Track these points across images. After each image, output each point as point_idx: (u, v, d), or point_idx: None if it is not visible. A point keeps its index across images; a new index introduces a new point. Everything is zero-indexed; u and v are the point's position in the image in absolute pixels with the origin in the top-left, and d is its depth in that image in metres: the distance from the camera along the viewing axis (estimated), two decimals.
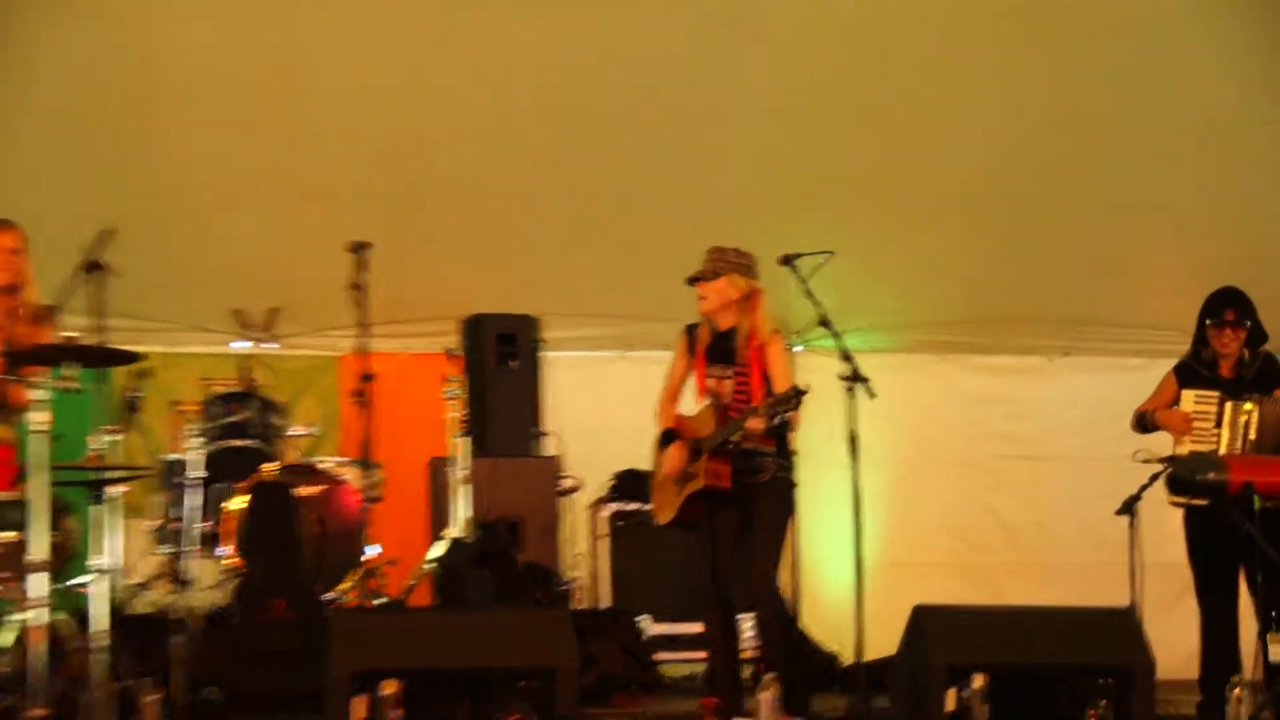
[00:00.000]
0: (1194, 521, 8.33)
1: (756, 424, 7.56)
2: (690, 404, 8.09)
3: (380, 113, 9.76)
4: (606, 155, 10.14)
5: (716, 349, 7.96)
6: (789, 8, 9.46)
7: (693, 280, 7.93)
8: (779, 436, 7.84)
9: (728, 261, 7.88)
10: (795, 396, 7.44)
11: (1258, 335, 8.45)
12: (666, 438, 8.01)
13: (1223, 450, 8.21)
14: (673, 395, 8.13)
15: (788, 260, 7.89)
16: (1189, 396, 8.39)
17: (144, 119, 9.69)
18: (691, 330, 8.06)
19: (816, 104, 9.93)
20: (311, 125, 9.85)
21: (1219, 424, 8.29)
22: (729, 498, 7.81)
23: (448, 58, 9.53)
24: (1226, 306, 8.42)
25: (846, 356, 7.70)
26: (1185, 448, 8.33)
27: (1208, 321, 8.46)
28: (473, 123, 9.95)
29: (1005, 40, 9.68)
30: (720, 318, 7.93)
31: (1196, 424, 8.32)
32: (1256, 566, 8.02)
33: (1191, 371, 8.48)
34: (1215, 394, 8.34)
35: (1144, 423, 8.51)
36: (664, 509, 8.09)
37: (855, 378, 7.64)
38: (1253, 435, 8.22)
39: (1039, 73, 9.80)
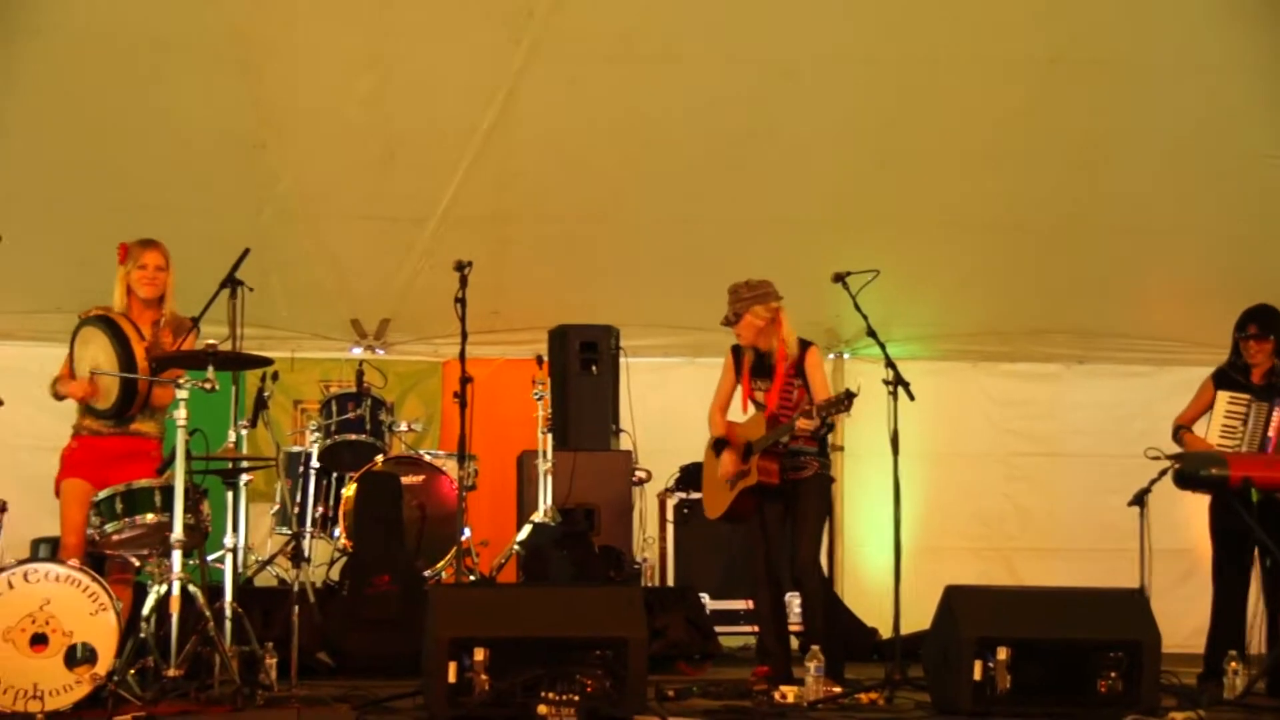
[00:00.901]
0: (1218, 506, 8.20)
1: (807, 424, 7.55)
2: (736, 414, 8.11)
3: (480, 147, 9.76)
4: (679, 184, 10.13)
5: (759, 366, 7.98)
6: (844, 55, 9.41)
7: (724, 323, 7.98)
8: (820, 438, 7.86)
9: (744, 300, 7.90)
10: (847, 399, 7.42)
11: None
12: (719, 445, 8.01)
13: (1244, 446, 8.09)
14: (722, 407, 8.17)
15: (839, 278, 7.90)
16: (1223, 397, 8.28)
17: (275, 157, 9.78)
18: (738, 350, 8.07)
19: (866, 140, 9.90)
20: (420, 159, 9.88)
21: (1245, 422, 8.18)
22: (776, 491, 7.81)
23: (536, 101, 9.54)
24: (1250, 321, 8.33)
25: (890, 363, 7.71)
26: (1214, 439, 8.21)
27: (1237, 334, 8.35)
28: (560, 157, 9.96)
29: (1031, 85, 9.59)
30: (759, 343, 7.94)
31: (1227, 422, 8.20)
32: (1266, 555, 7.93)
33: (1227, 377, 8.36)
34: (1246, 397, 8.22)
35: (1177, 438, 8.40)
36: (715, 505, 8.12)
37: (897, 382, 7.64)
38: (1270, 433, 8.09)
39: (1059, 114, 9.69)
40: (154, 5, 8.98)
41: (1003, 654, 6.80)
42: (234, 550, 7.40)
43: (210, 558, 7.69)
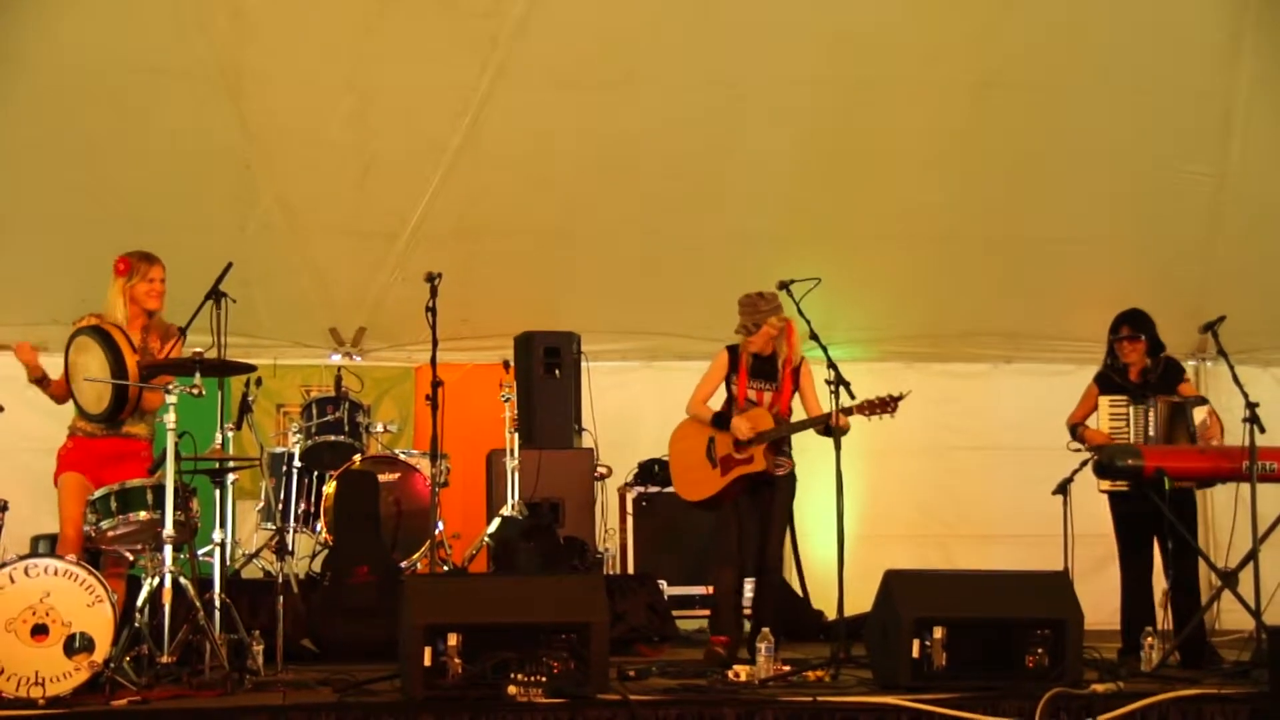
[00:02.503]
0: (1118, 501, 8.26)
1: (847, 422, 7.65)
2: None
3: (448, 166, 9.79)
4: (635, 200, 10.16)
5: (758, 369, 8.04)
6: (791, 79, 9.52)
7: (739, 331, 8.04)
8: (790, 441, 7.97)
9: (762, 311, 7.97)
10: (895, 401, 7.60)
11: (1156, 345, 8.38)
12: (720, 419, 8.02)
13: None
14: (704, 400, 8.15)
15: (784, 285, 7.93)
16: (1104, 402, 8.32)
17: (258, 176, 9.78)
18: (734, 351, 8.10)
19: (811, 158, 9.97)
20: (393, 178, 9.90)
21: (1128, 423, 8.24)
22: (759, 482, 7.86)
23: (502, 122, 9.56)
24: (1122, 324, 8.37)
25: (832, 364, 7.70)
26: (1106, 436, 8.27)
27: (1111, 337, 8.41)
28: (524, 175, 10.00)
29: (963, 108, 9.73)
30: (765, 349, 8.03)
31: (1112, 424, 8.25)
32: (1167, 537, 7.98)
33: (1107, 379, 8.41)
34: (1125, 399, 8.26)
35: (1075, 434, 8.46)
36: (698, 488, 8.11)
37: (839, 382, 7.65)
38: (1152, 431, 8.17)
39: (989, 134, 9.85)
40: (150, 36, 9.02)
41: (938, 633, 6.81)
42: (222, 545, 7.34)
43: (200, 552, 7.65)
